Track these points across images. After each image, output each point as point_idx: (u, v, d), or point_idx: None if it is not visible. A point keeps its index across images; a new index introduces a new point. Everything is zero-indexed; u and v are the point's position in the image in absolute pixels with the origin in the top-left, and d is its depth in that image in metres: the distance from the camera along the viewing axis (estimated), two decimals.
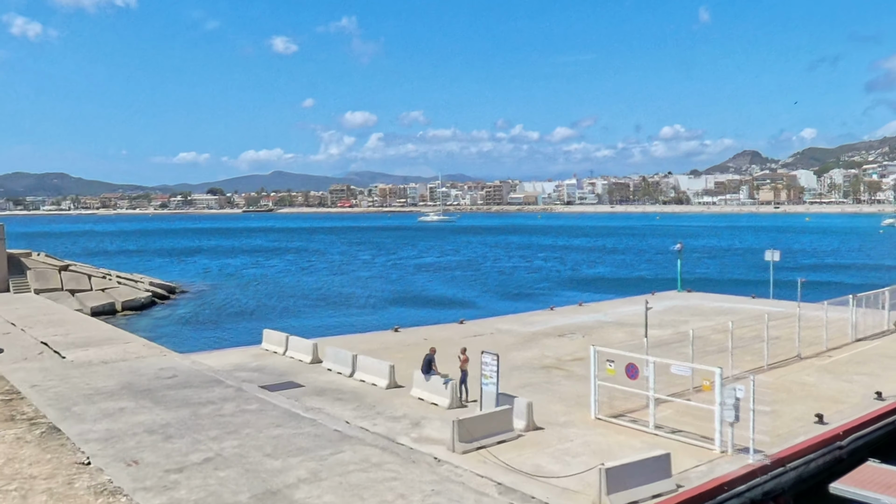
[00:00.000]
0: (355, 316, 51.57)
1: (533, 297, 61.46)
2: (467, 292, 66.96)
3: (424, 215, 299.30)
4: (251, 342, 39.91)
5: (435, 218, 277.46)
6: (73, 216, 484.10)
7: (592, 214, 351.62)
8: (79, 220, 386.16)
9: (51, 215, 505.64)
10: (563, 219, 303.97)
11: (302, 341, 29.27)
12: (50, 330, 35.41)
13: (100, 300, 51.28)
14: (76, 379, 25.32)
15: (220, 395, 23.13)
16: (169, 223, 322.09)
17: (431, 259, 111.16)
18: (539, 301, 56.47)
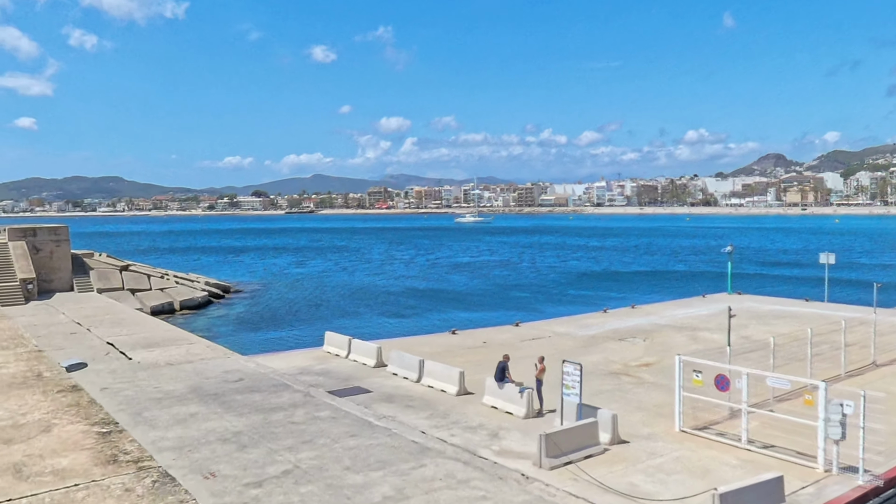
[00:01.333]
0: (406, 316, 50.07)
1: (581, 298, 59.35)
2: (512, 292, 65.07)
3: (461, 216, 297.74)
4: (309, 344, 38.73)
5: (471, 219, 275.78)
6: (127, 217, 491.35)
7: (622, 216, 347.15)
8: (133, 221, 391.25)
9: (106, 216, 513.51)
10: (593, 220, 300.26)
11: (365, 344, 27.91)
12: (115, 330, 34.51)
13: (159, 299, 50.58)
14: (144, 381, 24.22)
15: (290, 401, 21.81)
16: (217, 224, 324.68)
17: (472, 258, 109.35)
18: (588, 303, 54.50)
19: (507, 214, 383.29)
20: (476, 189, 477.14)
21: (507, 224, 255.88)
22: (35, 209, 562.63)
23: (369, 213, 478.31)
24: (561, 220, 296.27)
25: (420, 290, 66.49)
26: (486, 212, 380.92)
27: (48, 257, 50.30)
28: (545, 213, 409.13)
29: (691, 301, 46.25)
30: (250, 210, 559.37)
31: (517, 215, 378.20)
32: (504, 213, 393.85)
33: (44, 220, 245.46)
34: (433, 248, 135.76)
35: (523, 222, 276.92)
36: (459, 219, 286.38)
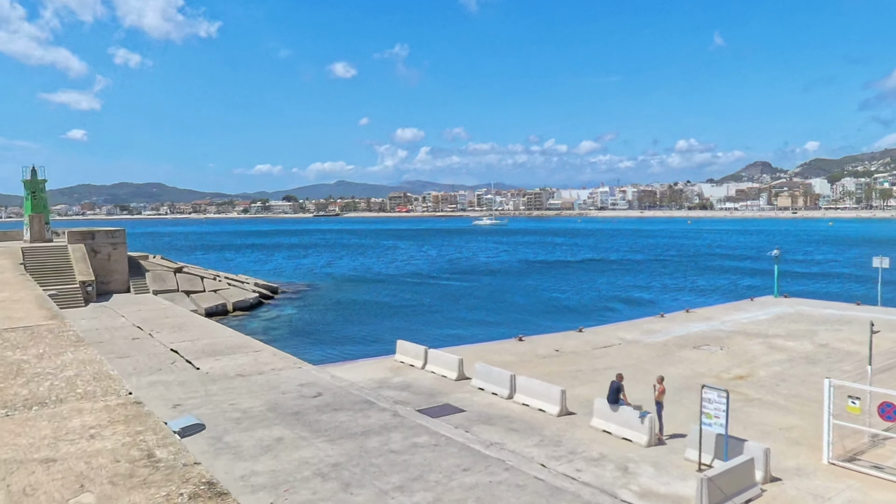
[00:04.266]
0: (459, 318, 46.30)
1: (627, 301, 55.30)
2: (556, 294, 61.19)
3: (478, 219, 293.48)
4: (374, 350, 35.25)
5: (487, 222, 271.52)
6: (169, 220, 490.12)
7: (624, 219, 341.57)
8: (174, 223, 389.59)
9: (151, 219, 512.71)
10: (600, 222, 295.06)
11: (444, 355, 24.28)
12: (176, 335, 31.14)
13: (212, 301, 47.24)
14: (218, 397, 20.75)
15: (380, 422, 18.27)
16: (253, 226, 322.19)
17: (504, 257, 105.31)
18: (637, 305, 50.76)
19: (517, 217, 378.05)
20: (489, 194, 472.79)
21: (522, 226, 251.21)
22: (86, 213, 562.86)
23: (390, 216, 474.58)
24: (569, 223, 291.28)
25: (465, 291, 62.65)
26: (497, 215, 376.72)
27: (106, 260, 47.08)
28: (552, 216, 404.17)
29: (741, 304, 42.35)
30: (281, 213, 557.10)
31: (527, 218, 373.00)
32: (515, 216, 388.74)
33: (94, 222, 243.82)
34: (462, 248, 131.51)
35: (535, 224, 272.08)
36: (477, 221, 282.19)
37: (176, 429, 8.19)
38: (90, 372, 9.37)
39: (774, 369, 25.18)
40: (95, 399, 8.45)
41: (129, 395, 8.60)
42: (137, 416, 7.83)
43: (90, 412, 7.81)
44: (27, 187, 54.05)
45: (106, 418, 7.74)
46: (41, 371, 9.34)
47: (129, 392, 8.69)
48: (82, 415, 7.53)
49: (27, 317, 14.50)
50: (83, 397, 8.23)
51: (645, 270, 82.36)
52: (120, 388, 8.85)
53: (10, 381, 8.97)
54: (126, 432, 7.61)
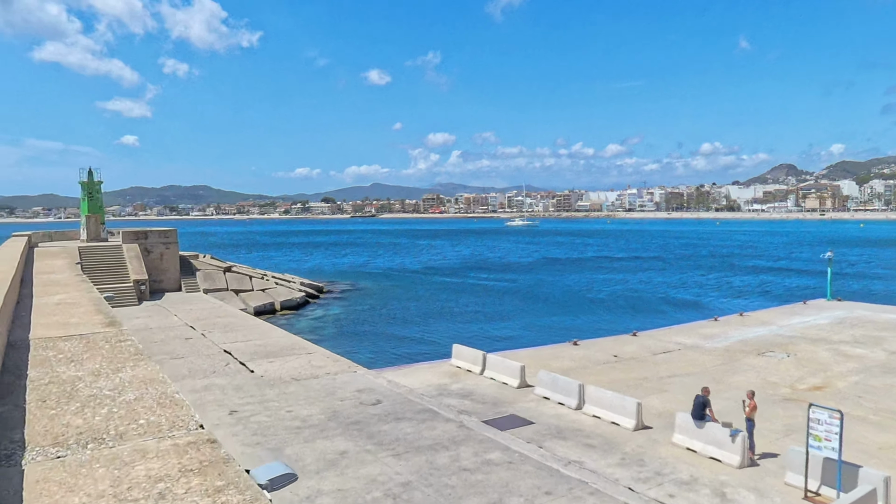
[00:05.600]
0: (507, 319, 44.31)
1: (672, 302, 52.85)
2: (599, 295, 58.85)
3: (510, 220, 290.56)
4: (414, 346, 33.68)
5: (519, 222, 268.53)
6: (215, 220, 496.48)
7: (653, 220, 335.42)
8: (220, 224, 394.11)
9: (198, 219, 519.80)
10: (628, 223, 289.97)
11: (505, 361, 22.50)
12: (229, 335, 29.91)
13: (261, 300, 46.14)
14: (275, 403, 19.30)
15: (446, 434, 16.60)
16: (294, 226, 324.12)
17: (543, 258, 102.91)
18: (682, 307, 48.32)
19: (547, 218, 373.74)
20: (519, 195, 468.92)
21: (553, 227, 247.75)
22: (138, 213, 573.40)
23: (424, 217, 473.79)
24: (599, 224, 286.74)
25: (505, 290, 60.68)
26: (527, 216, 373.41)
27: (158, 259, 46.32)
28: (581, 217, 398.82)
29: (795, 308, 39.76)
30: (320, 214, 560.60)
31: (557, 219, 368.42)
32: (544, 217, 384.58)
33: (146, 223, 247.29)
34: (496, 247, 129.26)
35: (565, 226, 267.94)
36: (509, 222, 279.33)
37: (263, 481, 6.57)
38: (153, 395, 7.78)
39: (852, 379, 22.91)
40: (161, 433, 6.81)
41: (200, 428, 6.97)
42: (214, 464, 6.14)
43: (156, 455, 6.17)
44: (84, 189, 53.71)
45: (176, 464, 6.08)
46: (97, 393, 7.78)
47: (200, 425, 7.05)
48: (147, 458, 5.92)
49: (83, 323, 13.09)
50: (147, 431, 6.61)
51: (682, 271, 79.43)
52: (188, 418, 7.23)
53: (63, 406, 7.41)
54: (203, 488, 5.90)
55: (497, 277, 73.41)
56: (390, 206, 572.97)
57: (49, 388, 8.17)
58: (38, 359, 9.89)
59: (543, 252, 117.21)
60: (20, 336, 11.68)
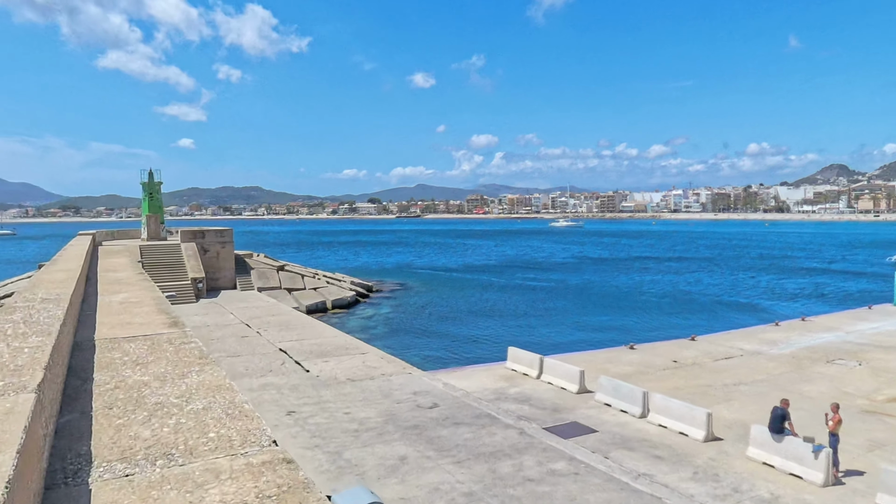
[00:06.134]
0: (559, 321, 43.18)
1: (727, 304, 50.85)
2: (650, 297, 57.15)
3: (555, 221, 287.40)
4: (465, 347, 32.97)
5: (564, 223, 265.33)
6: (266, 220, 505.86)
7: (699, 221, 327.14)
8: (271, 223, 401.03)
9: (250, 219, 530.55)
10: (674, 224, 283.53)
11: (563, 366, 21.60)
12: (283, 334, 29.76)
13: (313, 299, 46.16)
14: (332, 404, 18.86)
15: (507, 441, 15.86)
16: (343, 225, 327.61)
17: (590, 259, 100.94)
18: (738, 310, 46.37)
19: (591, 219, 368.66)
20: (563, 196, 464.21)
21: (597, 228, 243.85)
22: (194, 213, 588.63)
23: (468, 217, 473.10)
24: (644, 225, 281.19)
25: (555, 290, 59.44)
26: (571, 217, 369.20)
27: (215, 257, 46.80)
28: (626, 218, 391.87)
29: (860, 312, 37.62)
30: (366, 214, 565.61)
31: (601, 220, 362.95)
32: (588, 218, 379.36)
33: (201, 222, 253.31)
34: (541, 248, 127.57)
35: (610, 226, 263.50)
36: (554, 223, 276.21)
37: None
38: (221, 404, 7.24)
39: None
40: (233, 450, 6.22)
41: (274, 444, 6.39)
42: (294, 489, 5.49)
43: (230, 476, 5.57)
44: (145, 189, 54.75)
45: (252, 489, 5.46)
46: (164, 400, 7.29)
47: (273, 441, 6.48)
48: (220, 480, 5.33)
49: (146, 323, 12.78)
50: (218, 447, 6.05)
51: (733, 272, 76.69)
52: (259, 432, 6.66)
53: (129, 414, 6.92)
54: None
55: (544, 277, 72.17)
56: (435, 206, 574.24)
57: (115, 394, 7.73)
58: (104, 361, 9.52)
59: (590, 252, 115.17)
60: (86, 336, 11.39)
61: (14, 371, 6.22)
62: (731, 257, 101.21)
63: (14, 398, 5.21)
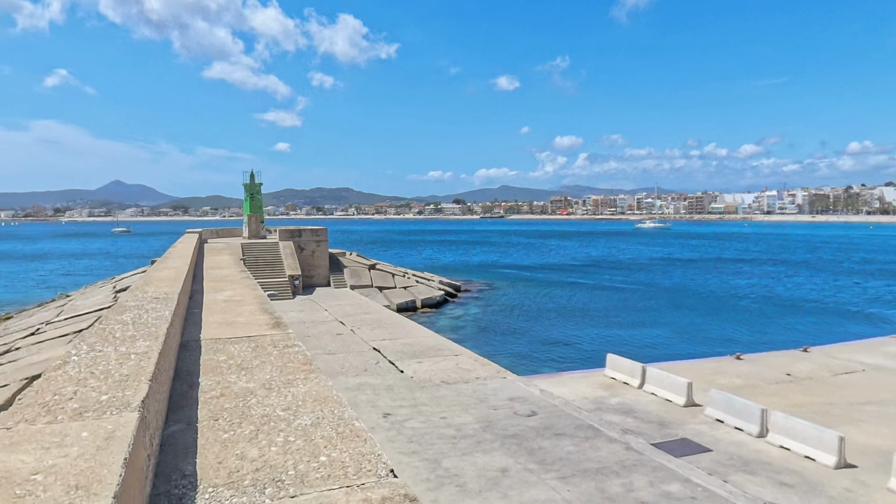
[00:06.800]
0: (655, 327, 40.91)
1: (839, 313, 46.84)
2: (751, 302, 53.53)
3: (641, 222, 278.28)
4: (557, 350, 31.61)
5: (651, 225, 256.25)
6: (356, 219, 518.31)
7: (795, 223, 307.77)
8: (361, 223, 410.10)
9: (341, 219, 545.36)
10: (768, 227, 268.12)
11: (669, 377, 20.01)
12: (377, 332, 29.50)
13: (403, 297, 46.03)
14: (427, 408, 18.18)
15: (613, 457, 14.61)
16: (428, 225, 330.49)
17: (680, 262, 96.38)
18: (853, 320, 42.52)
19: (679, 221, 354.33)
20: (650, 197, 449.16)
21: (685, 230, 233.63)
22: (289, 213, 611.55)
23: (551, 218, 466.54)
24: (735, 227, 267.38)
25: (647, 293, 56.83)
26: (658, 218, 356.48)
27: (310, 256, 47.56)
28: (715, 219, 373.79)
29: None
30: (451, 215, 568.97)
31: (689, 222, 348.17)
32: (676, 220, 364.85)
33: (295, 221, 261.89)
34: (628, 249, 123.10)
35: (699, 228, 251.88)
36: (640, 224, 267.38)
37: None
38: (329, 421, 6.48)
39: None
40: (348, 479, 5.40)
41: (392, 475, 5.57)
42: None
43: None
44: (247, 190, 56.49)
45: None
46: (270, 413, 6.61)
47: (391, 470, 5.67)
48: None
49: (250, 323, 12.41)
50: (331, 475, 5.24)
51: (836, 277, 70.90)
52: (374, 457, 5.83)
53: (236, 428, 6.25)
54: None
55: (633, 279, 69.27)
56: (518, 207, 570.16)
57: (221, 403, 7.17)
58: (209, 364, 9.06)
59: (679, 254, 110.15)
60: (192, 336, 11.09)
61: (119, 382, 5.72)
62: (832, 261, 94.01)
63: (116, 418, 4.63)
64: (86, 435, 4.22)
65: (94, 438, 4.16)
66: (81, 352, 7.09)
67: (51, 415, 4.75)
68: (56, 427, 4.42)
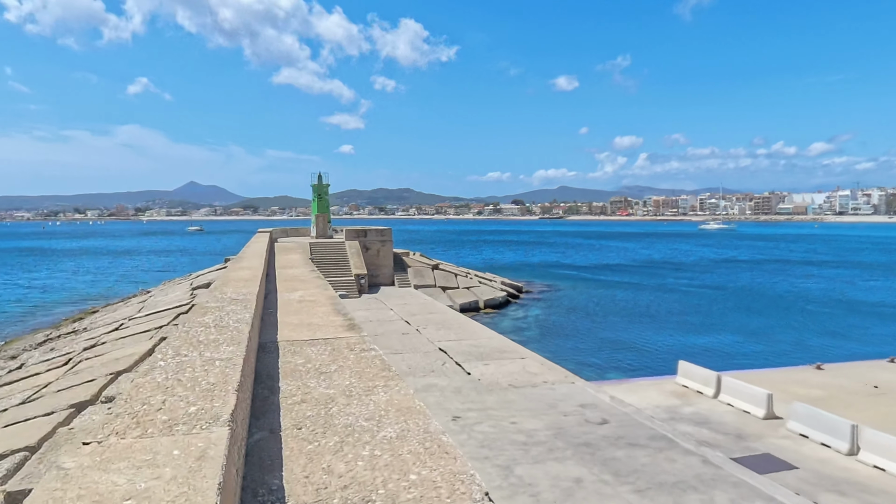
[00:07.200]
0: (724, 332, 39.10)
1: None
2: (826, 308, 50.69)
3: (704, 223, 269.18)
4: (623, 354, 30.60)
5: (715, 226, 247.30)
6: (416, 219, 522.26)
7: (870, 224, 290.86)
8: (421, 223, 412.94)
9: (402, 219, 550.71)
10: (840, 228, 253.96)
11: (747, 387, 18.89)
12: (442, 333, 29.27)
13: (466, 297, 45.73)
14: (496, 412, 17.75)
15: (690, 470, 13.81)
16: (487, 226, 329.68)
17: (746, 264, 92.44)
18: None
19: (744, 222, 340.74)
20: (713, 198, 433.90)
21: (752, 231, 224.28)
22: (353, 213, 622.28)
23: (611, 219, 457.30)
24: (804, 228, 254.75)
25: (715, 297, 54.64)
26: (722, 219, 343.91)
27: (375, 255, 47.87)
28: (783, 220, 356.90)
29: None
30: (510, 216, 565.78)
31: (755, 223, 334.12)
32: (741, 221, 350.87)
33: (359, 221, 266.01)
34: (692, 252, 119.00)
35: (766, 230, 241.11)
36: (703, 225, 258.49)
37: None
38: (415, 434, 6.12)
39: None
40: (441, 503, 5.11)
41: (487, 498, 5.18)
42: None
43: None
44: (315, 191, 57.41)
45: None
46: (353, 423, 6.31)
47: (486, 493, 5.28)
48: None
49: (325, 325, 12.25)
50: (423, 496, 4.87)
51: None
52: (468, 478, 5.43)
53: (320, 438, 5.97)
54: None
55: (699, 282, 66.72)
56: (577, 208, 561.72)
57: (302, 410, 6.94)
58: (288, 367, 8.90)
59: (745, 256, 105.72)
60: (269, 337, 11.01)
61: (206, 391, 5.54)
62: None
63: (207, 434, 4.40)
64: (177, 453, 4.01)
65: (186, 458, 3.93)
66: (168, 356, 7.00)
67: (140, 427, 4.58)
68: (147, 442, 4.23)
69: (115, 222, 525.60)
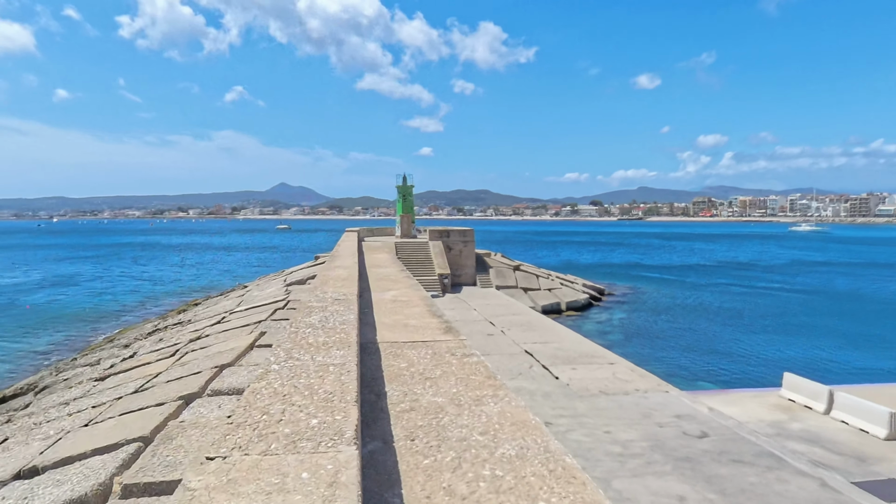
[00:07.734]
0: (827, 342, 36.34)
1: None
2: None
3: (796, 225, 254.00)
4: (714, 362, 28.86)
5: (807, 228, 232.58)
6: (494, 220, 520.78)
7: None
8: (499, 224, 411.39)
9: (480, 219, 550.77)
10: None
11: (864, 403, 17.18)
12: (527, 335, 28.58)
13: (548, 299, 44.73)
14: (588, 420, 16.96)
15: (805, 494, 12.57)
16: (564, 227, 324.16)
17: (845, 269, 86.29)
18: None
19: (838, 224, 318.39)
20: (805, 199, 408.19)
21: (847, 234, 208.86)
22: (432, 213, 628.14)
23: (694, 220, 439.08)
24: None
25: (814, 304, 51.01)
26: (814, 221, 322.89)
27: (458, 255, 47.67)
28: (882, 223, 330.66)
29: None
30: (588, 217, 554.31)
31: (851, 225, 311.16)
32: (835, 223, 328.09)
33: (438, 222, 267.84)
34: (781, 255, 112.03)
35: (863, 233, 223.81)
36: (794, 227, 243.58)
37: None
38: (535, 452, 5.57)
39: None
40: None
41: None
42: None
43: None
44: (399, 191, 57.90)
45: None
46: (467, 436, 5.84)
47: None
48: None
49: (421, 327, 11.91)
50: None
51: None
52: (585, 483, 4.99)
53: (435, 452, 5.56)
54: None
55: (794, 287, 62.42)
56: (657, 208, 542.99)
57: (412, 419, 6.56)
58: (391, 371, 8.57)
59: (842, 259, 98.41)
60: (369, 338, 10.76)
61: (325, 402, 5.23)
62: None
63: (334, 455, 4.05)
64: (306, 477, 3.67)
65: (318, 484, 3.58)
66: (280, 359, 6.80)
67: (264, 442, 4.30)
68: (272, 461, 3.93)
69: (213, 220, 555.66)
